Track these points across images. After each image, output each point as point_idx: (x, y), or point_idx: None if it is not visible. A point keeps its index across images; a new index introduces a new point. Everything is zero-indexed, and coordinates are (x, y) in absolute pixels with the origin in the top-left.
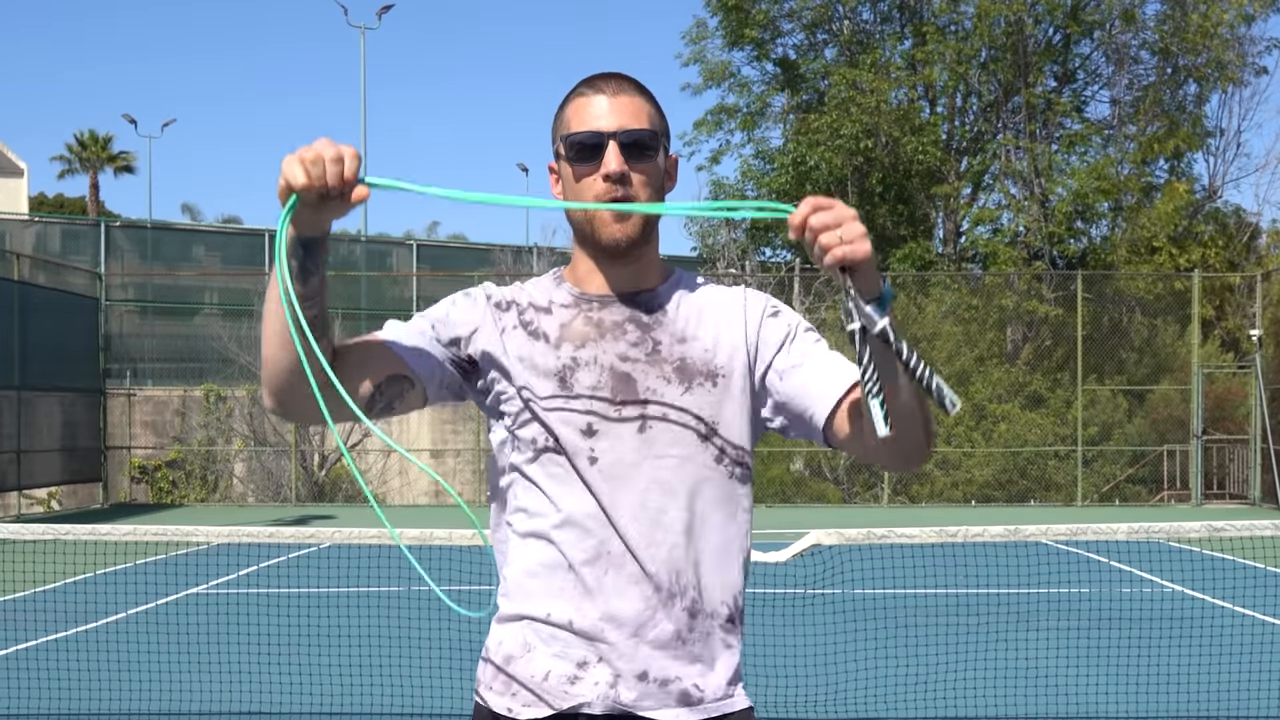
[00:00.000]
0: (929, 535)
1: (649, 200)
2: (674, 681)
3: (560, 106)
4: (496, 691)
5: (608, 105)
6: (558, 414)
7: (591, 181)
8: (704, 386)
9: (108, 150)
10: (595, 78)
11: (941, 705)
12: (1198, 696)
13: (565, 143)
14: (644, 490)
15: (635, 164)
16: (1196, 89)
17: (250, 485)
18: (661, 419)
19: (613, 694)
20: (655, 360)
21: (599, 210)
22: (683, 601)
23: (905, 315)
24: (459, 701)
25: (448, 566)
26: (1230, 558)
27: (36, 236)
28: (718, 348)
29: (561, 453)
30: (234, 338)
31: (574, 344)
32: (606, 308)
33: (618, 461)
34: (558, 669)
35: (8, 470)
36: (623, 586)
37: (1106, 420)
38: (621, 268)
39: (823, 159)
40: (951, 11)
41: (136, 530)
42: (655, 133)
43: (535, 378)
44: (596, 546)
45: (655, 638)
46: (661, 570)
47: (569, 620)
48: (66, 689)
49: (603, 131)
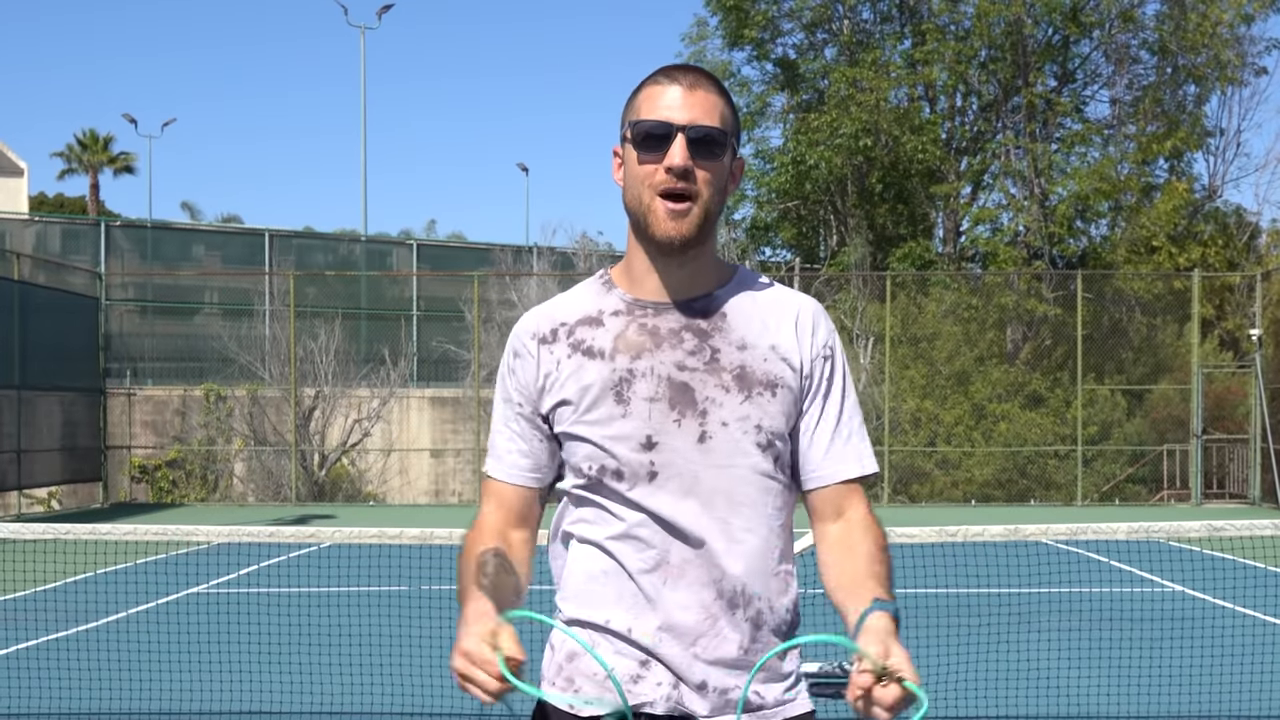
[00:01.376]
0: (929, 535)
1: (710, 198)
2: (734, 690)
3: (634, 91)
4: (559, 687)
5: (681, 97)
6: (615, 429)
7: (652, 171)
8: (764, 395)
9: (108, 150)
10: (674, 68)
11: (941, 705)
12: (1198, 696)
13: (633, 129)
14: (706, 500)
15: (701, 161)
16: (1196, 89)
17: (250, 485)
18: (721, 428)
19: (675, 694)
20: (714, 369)
21: (654, 204)
22: (746, 611)
23: (905, 315)
24: (459, 701)
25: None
26: (1230, 557)
27: (36, 236)
28: (776, 357)
29: (621, 471)
30: (234, 337)
31: (629, 355)
32: (662, 315)
33: (678, 474)
34: (621, 666)
35: (8, 470)
36: (683, 597)
37: (1106, 420)
38: (677, 268)
39: (822, 158)
40: (951, 11)
41: (136, 530)
42: (725, 132)
43: (591, 396)
44: (656, 557)
45: (715, 653)
46: (725, 580)
47: (628, 628)
48: (66, 689)
49: (673, 123)
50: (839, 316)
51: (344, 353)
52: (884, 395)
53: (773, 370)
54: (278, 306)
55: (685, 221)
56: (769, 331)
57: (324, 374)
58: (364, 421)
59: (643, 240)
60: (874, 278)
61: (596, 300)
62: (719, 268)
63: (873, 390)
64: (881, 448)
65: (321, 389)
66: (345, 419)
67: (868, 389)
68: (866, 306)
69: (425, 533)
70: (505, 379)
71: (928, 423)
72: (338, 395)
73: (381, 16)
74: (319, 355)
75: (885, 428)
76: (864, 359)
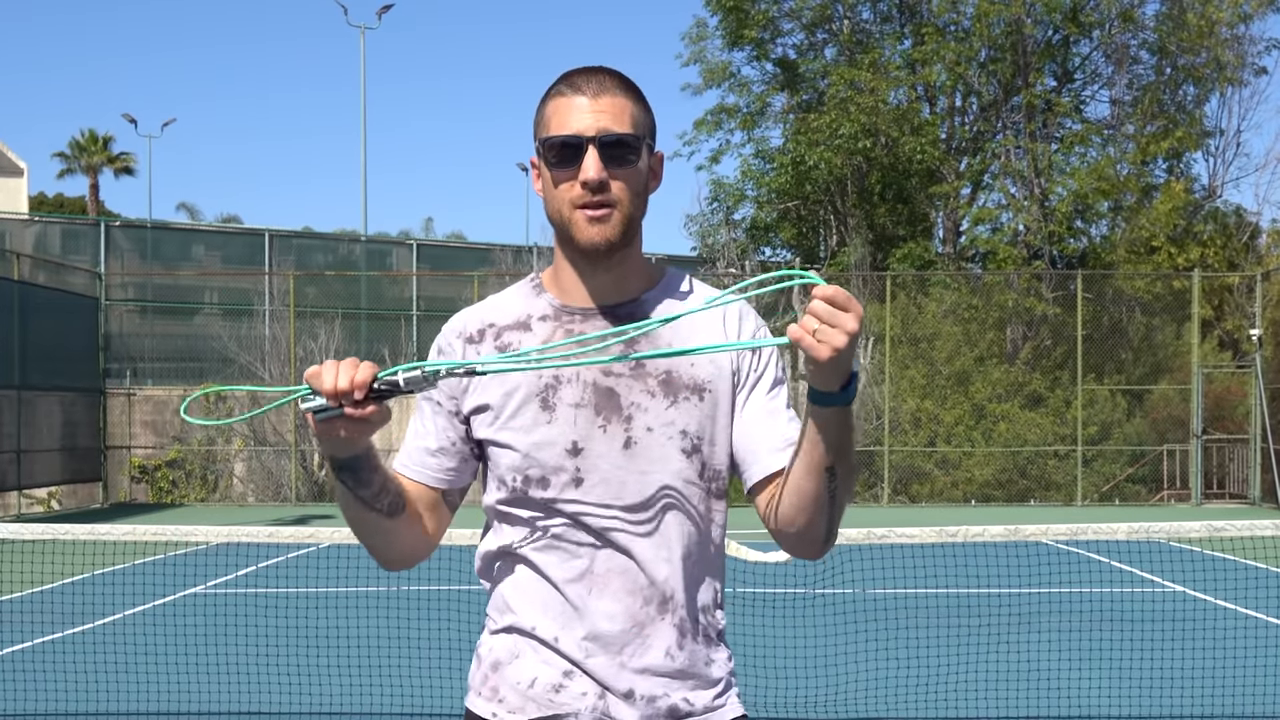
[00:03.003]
0: (929, 535)
1: (630, 203)
2: (662, 698)
3: (540, 102)
4: (484, 697)
5: (588, 106)
6: (540, 435)
7: (569, 187)
8: (690, 401)
9: (107, 150)
10: (576, 74)
11: (941, 705)
12: (1198, 697)
13: (544, 145)
14: (631, 506)
15: (615, 169)
16: (1195, 89)
17: (250, 485)
18: (646, 433)
19: (601, 705)
20: (639, 374)
21: (574, 215)
22: (673, 618)
23: (905, 315)
24: (458, 702)
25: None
26: (1231, 558)
27: (36, 236)
28: (703, 359)
29: (546, 478)
30: (234, 337)
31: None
32: (589, 320)
33: (603, 480)
34: (544, 676)
35: (8, 470)
36: (609, 606)
37: (1106, 420)
38: (604, 272)
39: (822, 159)
40: (951, 11)
41: (136, 530)
42: (638, 135)
43: (516, 402)
44: (581, 566)
45: (642, 661)
46: (652, 586)
47: (554, 637)
48: (66, 689)
49: (582, 135)
50: None
51: (344, 353)
52: (884, 395)
53: (698, 374)
54: (278, 306)
55: (607, 225)
56: (696, 334)
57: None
58: None
59: (567, 249)
60: (874, 278)
61: (526, 304)
62: (646, 271)
63: (873, 390)
64: (881, 448)
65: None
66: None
67: (868, 389)
68: (866, 307)
69: None
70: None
71: (928, 423)
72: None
73: (381, 16)
74: (319, 355)
75: (885, 428)
76: (864, 359)
